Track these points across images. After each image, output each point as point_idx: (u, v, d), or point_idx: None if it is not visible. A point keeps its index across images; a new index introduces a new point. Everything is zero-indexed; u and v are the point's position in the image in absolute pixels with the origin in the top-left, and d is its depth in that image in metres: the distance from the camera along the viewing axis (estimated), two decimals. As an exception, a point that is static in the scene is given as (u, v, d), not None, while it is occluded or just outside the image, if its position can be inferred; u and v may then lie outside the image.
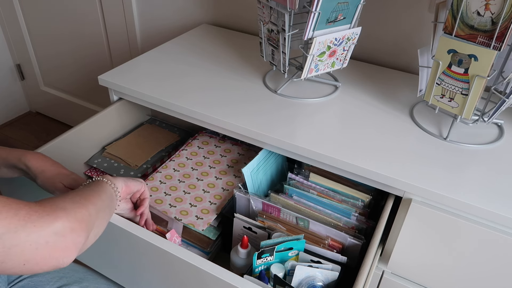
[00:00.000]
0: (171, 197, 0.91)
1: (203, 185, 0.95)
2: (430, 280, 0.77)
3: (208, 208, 0.89)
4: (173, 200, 0.90)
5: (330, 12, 0.78)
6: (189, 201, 0.90)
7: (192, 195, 0.92)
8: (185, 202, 0.90)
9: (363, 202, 0.81)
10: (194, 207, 0.89)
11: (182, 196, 0.92)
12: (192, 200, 0.90)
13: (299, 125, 0.82)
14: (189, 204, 0.90)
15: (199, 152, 1.04)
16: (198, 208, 0.89)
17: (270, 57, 0.93)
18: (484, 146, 0.78)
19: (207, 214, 0.87)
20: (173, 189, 0.93)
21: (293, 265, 0.70)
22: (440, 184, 0.68)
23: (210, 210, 0.88)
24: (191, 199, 0.91)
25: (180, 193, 0.92)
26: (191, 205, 0.89)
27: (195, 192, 0.92)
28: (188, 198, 0.91)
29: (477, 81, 0.69)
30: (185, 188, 0.94)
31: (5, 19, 1.86)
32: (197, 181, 0.96)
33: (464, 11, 0.67)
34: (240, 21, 1.28)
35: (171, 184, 0.95)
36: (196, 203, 0.90)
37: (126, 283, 0.87)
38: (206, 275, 0.65)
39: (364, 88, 0.97)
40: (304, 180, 0.86)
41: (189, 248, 0.86)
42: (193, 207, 0.89)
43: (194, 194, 0.92)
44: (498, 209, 0.64)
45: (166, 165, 1.00)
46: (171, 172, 0.98)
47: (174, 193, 0.92)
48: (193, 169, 0.99)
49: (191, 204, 0.89)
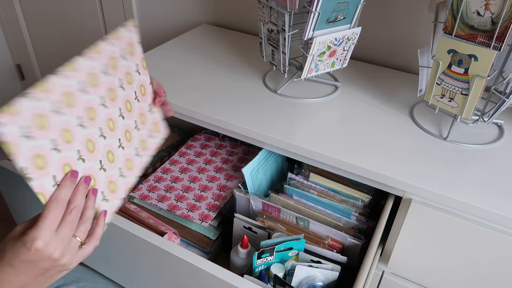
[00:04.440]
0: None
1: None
2: (430, 280, 0.77)
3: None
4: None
5: (330, 12, 0.78)
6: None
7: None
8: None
9: (363, 202, 0.81)
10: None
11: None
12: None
13: (299, 125, 0.82)
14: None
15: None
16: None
17: (270, 57, 0.93)
18: (484, 146, 0.78)
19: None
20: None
21: (293, 265, 0.70)
22: (440, 184, 0.68)
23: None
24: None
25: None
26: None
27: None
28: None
29: (477, 81, 0.69)
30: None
31: (5, 19, 1.86)
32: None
33: (464, 11, 0.67)
34: (240, 21, 1.28)
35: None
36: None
37: (125, 283, 0.87)
38: (206, 275, 0.65)
39: (364, 88, 0.97)
40: (304, 180, 0.86)
41: (189, 248, 0.86)
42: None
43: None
44: (498, 209, 0.64)
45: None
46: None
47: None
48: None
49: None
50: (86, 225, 0.50)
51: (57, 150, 0.50)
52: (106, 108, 0.57)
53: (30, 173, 0.47)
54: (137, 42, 0.65)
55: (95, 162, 0.55)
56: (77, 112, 0.53)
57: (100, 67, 0.57)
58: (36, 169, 0.47)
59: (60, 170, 0.50)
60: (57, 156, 0.50)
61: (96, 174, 0.55)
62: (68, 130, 0.51)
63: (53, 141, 0.49)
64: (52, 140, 0.49)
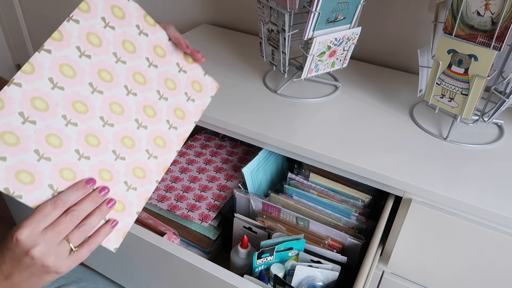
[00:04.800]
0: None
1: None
2: (430, 280, 0.77)
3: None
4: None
5: (330, 12, 0.78)
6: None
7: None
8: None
9: (363, 202, 0.81)
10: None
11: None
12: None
13: (299, 125, 0.82)
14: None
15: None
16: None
17: (270, 57, 0.93)
18: (484, 146, 0.78)
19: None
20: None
21: (293, 265, 0.70)
22: (440, 184, 0.68)
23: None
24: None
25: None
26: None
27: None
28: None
29: (477, 81, 0.69)
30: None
31: (5, 19, 1.86)
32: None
33: (464, 11, 0.67)
34: (240, 21, 1.28)
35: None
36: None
37: (125, 283, 0.87)
38: (206, 275, 0.65)
39: (364, 88, 0.97)
40: (304, 180, 0.86)
41: (189, 248, 0.86)
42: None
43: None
44: (498, 209, 0.64)
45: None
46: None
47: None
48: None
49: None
50: (84, 231, 0.47)
51: (46, 159, 0.46)
52: (101, 94, 0.50)
53: (16, 191, 0.44)
54: (125, 0, 0.54)
55: (106, 154, 0.50)
56: (59, 112, 0.47)
57: (74, 53, 0.49)
58: (23, 185, 0.45)
59: (57, 177, 0.47)
60: (48, 165, 0.46)
61: (111, 166, 0.51)
62: (52, 135, 0.47)
63: (36, 152, 0.46)
64: (35, 151, 0.46)
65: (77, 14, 0.50)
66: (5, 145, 0.44)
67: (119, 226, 0.51)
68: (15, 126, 0.44)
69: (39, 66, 0.46)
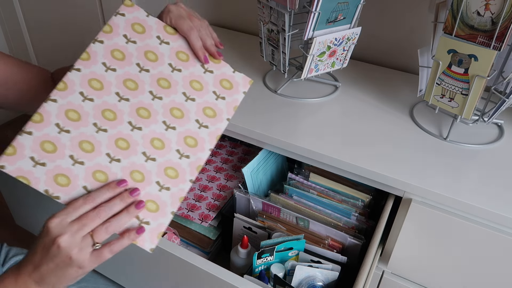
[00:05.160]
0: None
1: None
2: (430, 280, 0.77)
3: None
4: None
5: (330, 12, 0.78)
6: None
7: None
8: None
9: (363, 202, 0.81)
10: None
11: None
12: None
13: (299, 125, 0.82)
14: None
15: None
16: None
17: (270, 57, 0.93)
18: (484, 146, 0.78)
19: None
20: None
21: (293, 265, 0.70)
22: (440, 184, 0.68)
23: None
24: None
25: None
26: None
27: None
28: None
29: (477, 81, 0.69)
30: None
31: (3, 15, 1.86)
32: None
33: (464, 11, 0.67)
34: (240, 21, 1.28)
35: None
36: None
37: (125, 283, 0.87)
38: (206, 275, 0.65)
39: (364, 88, 0.97)
40: (304, 180, 0.86)
41: (189, 248, 0.86)
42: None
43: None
44: (498, 209, 0.64)
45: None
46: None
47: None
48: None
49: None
50: (108, 228, 0.49)
51: (80, 163, 0.51)
52: (127, 101, 0.55)
53: (55, 192, 0.50)
54: (144, 17, 0.60)
55: (136, 156, 0.54)
56: (90, 121, 0.53)
57: (101, 68, 0.55)
58: (61, 187, 0.50)
59: (90, 179, 0.51)
60: (82, 169, 0.51)
61: (141, 167, 0.54)
62: (85, 142, 0.52)
63: (71, 157, 0.51)
64: (70, 156, 0.51)
65: (101, 36, 0.57)
66: (44, 153, 0.50)
67: (152, 226, 0.53)
68: (53, 136, 0.51)
69: (71, 83, 0.53)
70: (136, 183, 0.53)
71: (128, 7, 0.59)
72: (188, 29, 0.60)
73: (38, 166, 0.49)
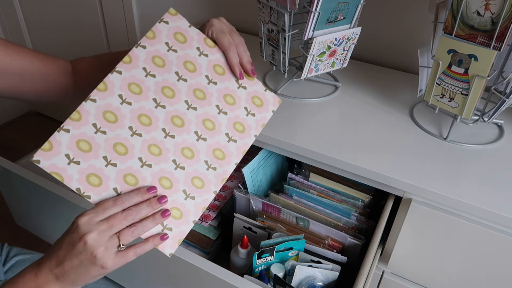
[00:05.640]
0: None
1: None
2: (430, 280, 0.77)
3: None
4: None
5: (330, 12, 0.78)
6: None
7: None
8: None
9: (363, 202, 0.81)
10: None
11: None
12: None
13: (299, 125, 0.82)
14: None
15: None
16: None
17: (270, 57, 0.93)
18: (484, 146, 0.78)
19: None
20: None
21: (293, 265, 0.70)
22: (440, 184, 0.68)
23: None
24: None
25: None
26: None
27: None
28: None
29: (477, 81, 0.69)
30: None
31: (3, 14, 1.86)
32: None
33: (464, 11, 0.67)
34: (240, 21, 1.28)
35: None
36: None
37: (125, 283, 0.87)
38: (206, 275, 0.65)
39: (364, 88, 0.97)
40: (304, 180, 0.86)
41: (189, 248, 0.86)
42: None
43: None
44: (498, 209, 0.64)
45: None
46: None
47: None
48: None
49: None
50: (134, 232, 0.50)
51: (112, 165, 0.52)
52: (164, 108, 0.56)
53: (86, 191, 0.50)
54: (186, 27, 0.61)
55: (167, 163, 0.55)
56: (127, 124, 0.53)
57: (141, 73, 0.56)
58: (92, 187, 0.50)
59: (121, 182, 0.52)
60: (114, 170, 0.52)
61: (171, 175, 0.55)
62: (119, 144, 0.52)
63: (105, 158, 0.51)
64: (104, 157, 0.51)
65: (144, 41, 0.57)
66: (80, 151, 0.51)
67: (174, 232, 0.54)
68: (89, 136, 0.51)
69: (111, 85, 0.54)
70: (164, 190, 0.54)
71: (172, 16, 0.61)
72: (228, 44, 0.62)
73: (73, 164, 0.50)
